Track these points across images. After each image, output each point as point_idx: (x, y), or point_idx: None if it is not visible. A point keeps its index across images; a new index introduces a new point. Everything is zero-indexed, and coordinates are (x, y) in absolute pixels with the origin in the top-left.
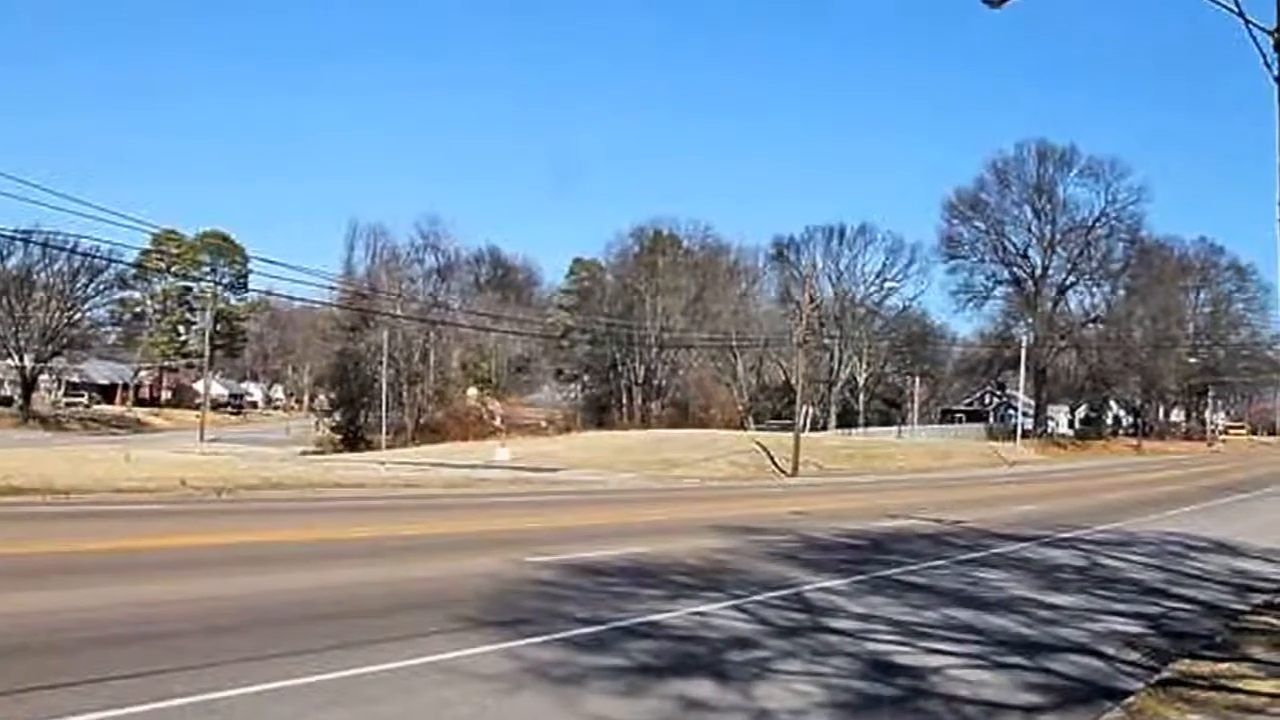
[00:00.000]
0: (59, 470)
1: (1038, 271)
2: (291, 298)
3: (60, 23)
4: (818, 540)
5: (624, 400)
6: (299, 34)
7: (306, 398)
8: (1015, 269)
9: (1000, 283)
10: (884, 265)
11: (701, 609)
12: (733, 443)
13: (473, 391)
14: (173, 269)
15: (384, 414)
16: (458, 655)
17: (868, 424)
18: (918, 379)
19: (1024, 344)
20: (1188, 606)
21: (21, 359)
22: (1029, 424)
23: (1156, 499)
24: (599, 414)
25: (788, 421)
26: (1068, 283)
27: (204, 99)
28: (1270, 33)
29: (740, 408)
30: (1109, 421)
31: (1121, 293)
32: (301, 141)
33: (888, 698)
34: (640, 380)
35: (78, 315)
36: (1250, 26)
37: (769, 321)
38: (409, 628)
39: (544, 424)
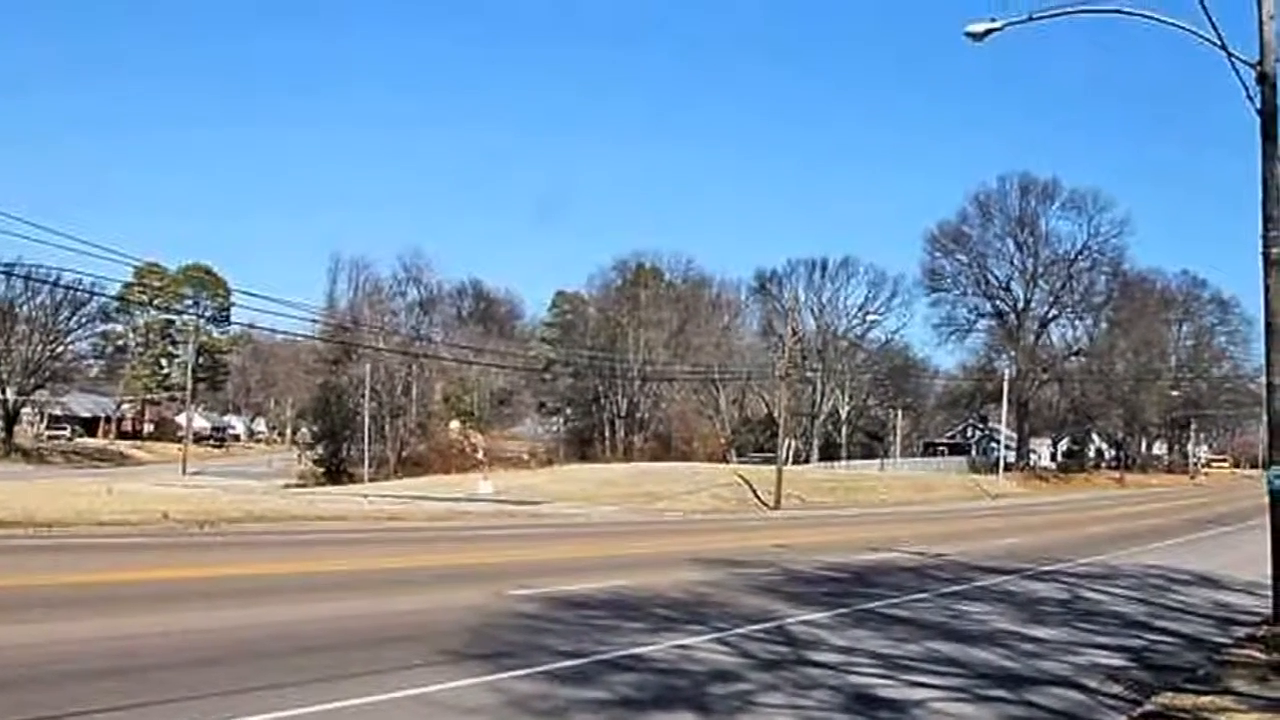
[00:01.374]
0: (41, 503)
1: (1020, 304)
2: (274, 331)
3: (43, 54)
4: (800, 573)
5: (606, 433)
6: (282, 67)
7: (289, 431)
8: (997, 302)
9: (982, 316)
10: (866, 298)
11: (684, 642)
12: (715, 476)
13: (455, 424)
14: (155, 302)
15: (366, 447)
16: (441, 688)
17: (850, 457)
18: (900, 412)
19: (1006, 377)
20: (1170, 639)
21: (4, 392)
22: (1011, 457)
23: (1139, 532)
24: (581, 447)
25: (770, 454)
26: (1050, 316)
27: (186, 131)
28: (1252, 65)
29: (723, 441)
30: (1091, 455)
31: (1104, 326)
32: (284, 174)
33: None
34: (623, 413)
35: (60, 348)
36: (1233, 59)
37: (751, 354)
38: (392, 660)
39: (526, 457)
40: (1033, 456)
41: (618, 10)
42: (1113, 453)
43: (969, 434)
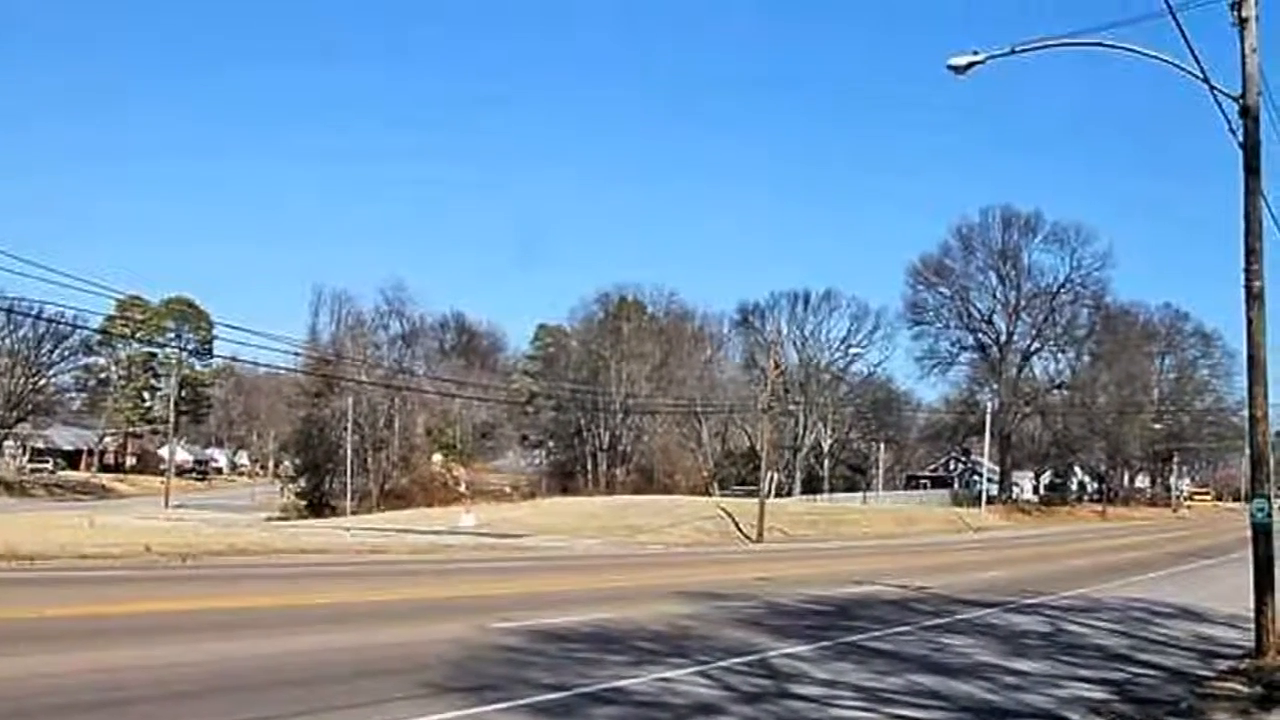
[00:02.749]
0: (23, 536)
1: (1002, 337)
2: (256, 364)
3: (25, 86)
4: (783, 606)
5: (589, 466)
6: (264, 99)
7: (271, 464)
8: (980, 335)
9: (965, 349)
10: (849, 331)
11: (666, 675)
12: (698, 508)
13: (438, 457)
14: (137, 335)
15: (349, 480)
16: None
17: (833, 490)
18: (882, 445)
19: (989, 410)
20: (1152, 672)
21: None
22: (994, 490)
23: (1121, 565)
24: (564, 480)
25: (753, 487)
26: (1032, 349)
27: (169, 164)
28: (1235, 99)
29: (705, 473)
30: (1074, 487)
31: (1086, 359)
32: (267, 208)
33: None
34: (605, 446)
35: (42, 381)
36: (1215, 93)
37: (734, 387)
38: (374, 693)
39: (509, 490)
40: (1015, 489)
41: (599, 45)
42: (1095, 485)
43: (951, 467)
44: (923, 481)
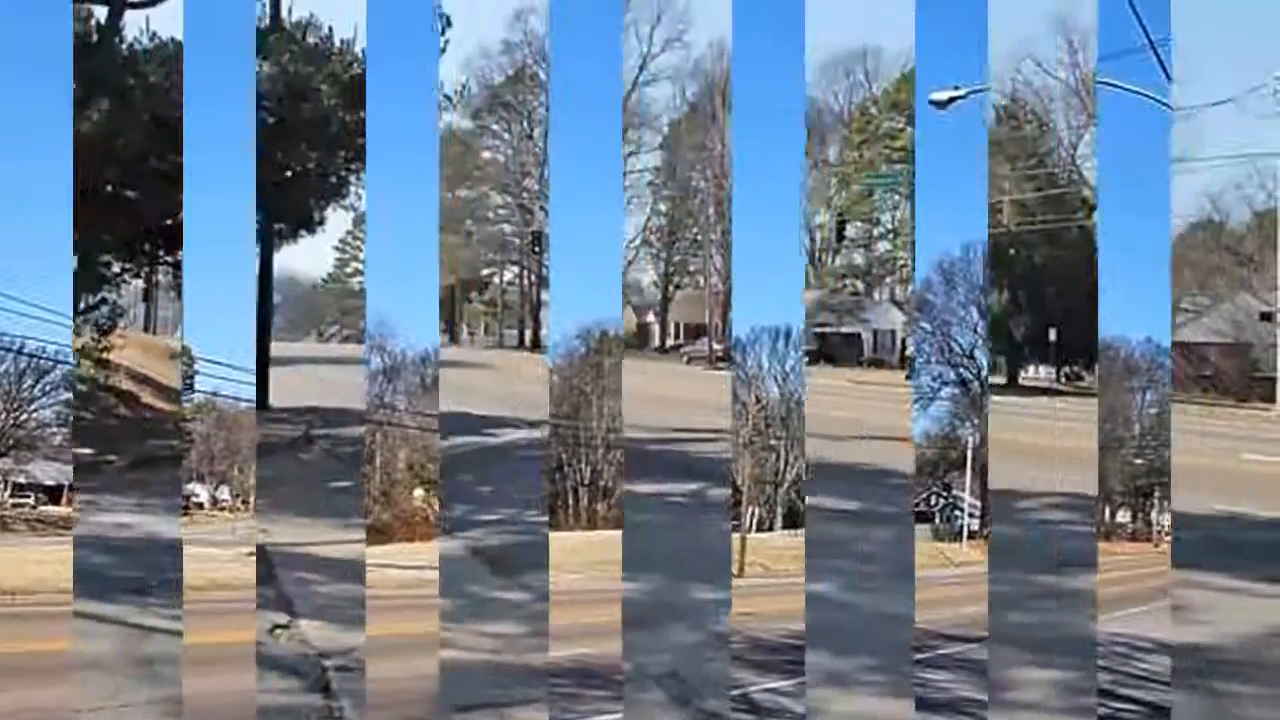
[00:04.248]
0: (3, 572)
1: (984, 373)
2: (238, 399)
3: (15, 117)
4: (763, 640)
5: (570, 501)
6: (245, 131)
7: (253, 498)
8: (961, 370)
9: (946, 384)
10: None
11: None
12: None
13: (419, 493)
14: None
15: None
16: None
17: None
18: None
19: (970, 445)
20: (1133, 707)
21: None
22: (975, 525)
23: (1102, 599)
24: (546, 515)
25: (734, 522)
26: None
27: None
28: None
29: None
30: None
31: None
32: (249, 237)
33: None
34: (587, 481)
35: (24, 416)
36: None
37: None
38: None
39: None
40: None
41: (584, 71)
42: None
43: (932, 502)
44: None
